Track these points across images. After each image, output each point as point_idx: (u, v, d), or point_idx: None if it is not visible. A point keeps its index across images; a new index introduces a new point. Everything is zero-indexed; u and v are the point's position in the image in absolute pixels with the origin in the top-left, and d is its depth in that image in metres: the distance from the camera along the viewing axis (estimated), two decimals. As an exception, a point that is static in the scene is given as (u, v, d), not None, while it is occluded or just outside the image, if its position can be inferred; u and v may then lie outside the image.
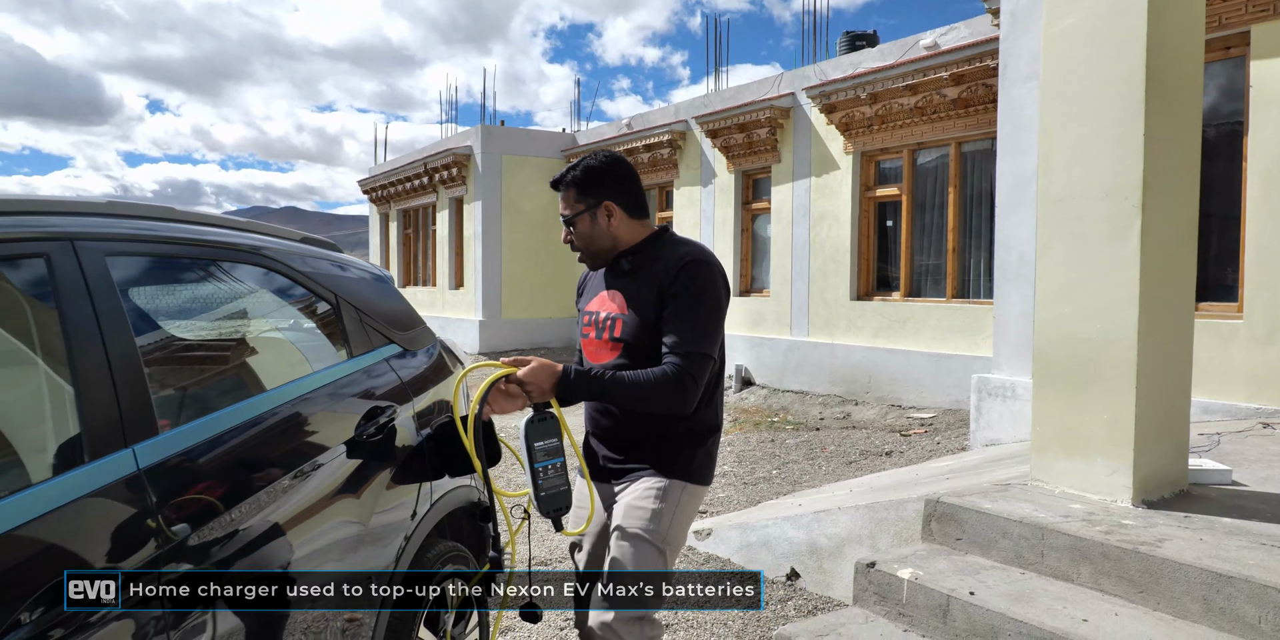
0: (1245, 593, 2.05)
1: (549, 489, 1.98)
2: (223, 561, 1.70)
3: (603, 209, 2.14)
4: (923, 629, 2.41)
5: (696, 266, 2.04)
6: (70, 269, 1.62)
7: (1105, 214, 2.69)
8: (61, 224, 1.67)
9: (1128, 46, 2.63)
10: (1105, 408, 2.73)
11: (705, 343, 2.00)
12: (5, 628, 1.27)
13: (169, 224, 1.97)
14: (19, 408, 1.54)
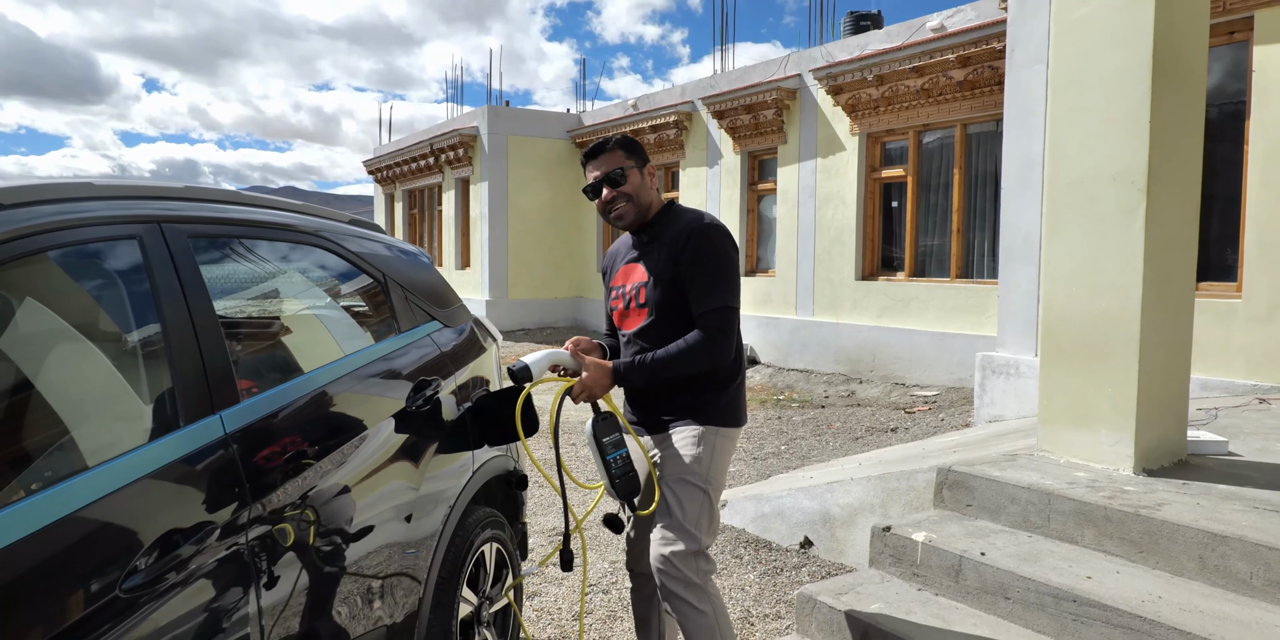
0: (1238, 551, 2.21)
1: (621, 476, 2.23)
2: (296, 519, 1.86)
3: (647, 168, 2.41)
4: (936, 587, 2.58)
5: (701, 232, 2.27)
6: (159, 249, 1.76)
7: (1113, 198, 2.82)
8: (149, 208, 1.81)
9: (1137, 37, 2.75)
10: (1110, 382, 2.88)
11: (724, 296, 2.24)
12: (124, 573, 1.42)
13: (236, 207, 2.11)
14: (122, 377, 1.68)
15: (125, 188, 1.81)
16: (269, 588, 1.73)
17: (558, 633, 3.42)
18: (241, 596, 1.66)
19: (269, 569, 1.74)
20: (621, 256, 2.50)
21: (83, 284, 1.66)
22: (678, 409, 2.34)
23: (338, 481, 2.01)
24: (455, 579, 2.54)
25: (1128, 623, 2.12)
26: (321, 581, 1.92)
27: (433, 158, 15.62)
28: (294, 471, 1.87)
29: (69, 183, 1.67)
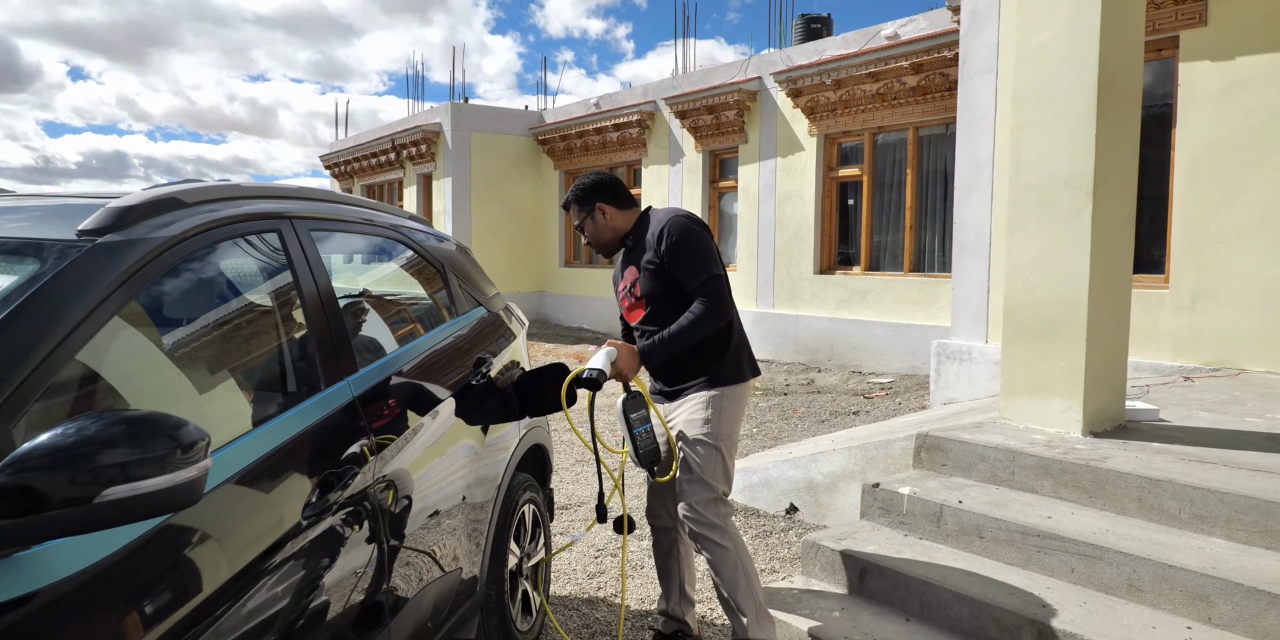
0: (1169, 492, 2.68)
1: (646, 447, 2.61)
2: (401, 471, 2.20)
3: (598, 210, 2.87)
4: (920, 533, 3.01)
5: (669, 226, 2.71)
6: (294, 240, 2.09)
7: (1065, 200, 3.29)
8: (281, 206, 2.13)
9: (1084, 62, 3.22)
10: (1061, 358, 3.35)
11: (705, 269, 2.67)
12: (303, 504, 1.76)
13: (335, 205, 2.44)
14: (282, 343, 2.00)
15: (261, 189, 2.13)
16: (388, 524, 2.07)
17: (576, 589, 3.79)
18: (372, 528, 2.00)
19: (388, 509, 2.09)
20: (620, 265, 2.98)
21: (246, 267, 1.98)
22: (689, 375, 2.76)
23: (428, 442, 2.36)
24: (505, 533, 2.90)
25: (1082, 550, 2.58)
26: (421, 524, 2.27)
27: (394, 153, 15.75)
28: (399, 430, 2.22)
29: (225, 186, 1.98)
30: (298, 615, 1.69)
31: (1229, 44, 5.20)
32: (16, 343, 1.31)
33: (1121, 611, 2.40)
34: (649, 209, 2.87)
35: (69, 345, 1.38)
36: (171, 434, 1.22)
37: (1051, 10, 3.29)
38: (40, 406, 1.32)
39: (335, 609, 1.83)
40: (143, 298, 1.59)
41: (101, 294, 1.46)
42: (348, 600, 1.87)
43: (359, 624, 1.93)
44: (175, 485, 1.22)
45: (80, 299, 1.43)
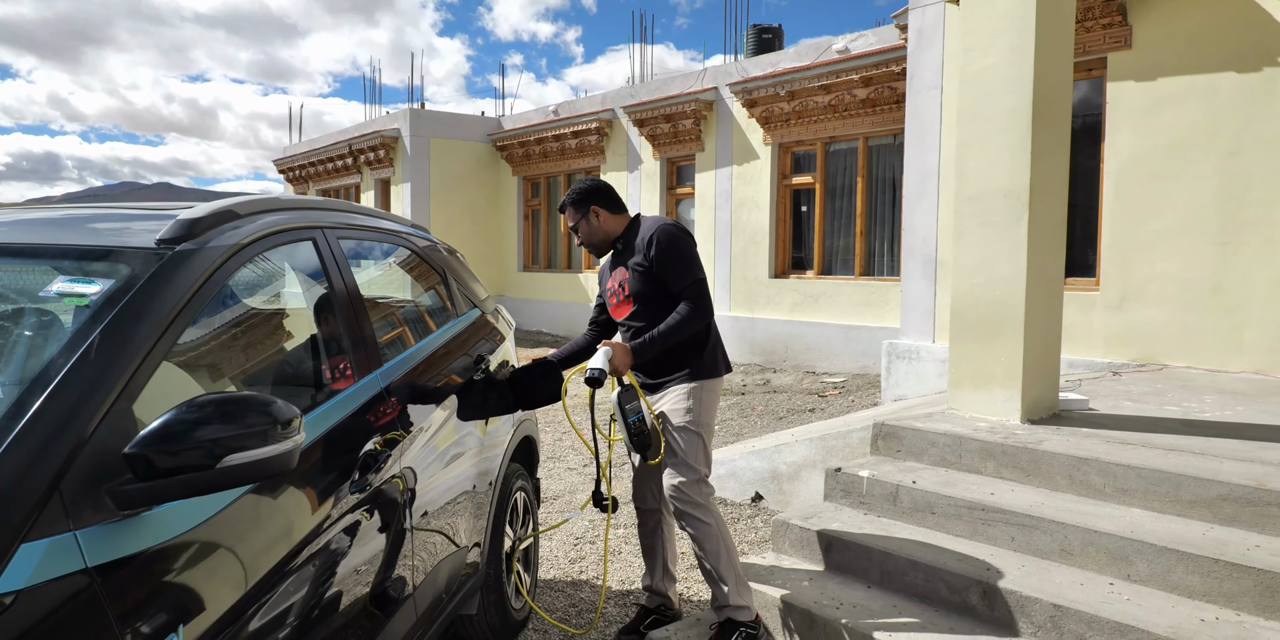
0: (1095, 469, 3.04)
1: (638, 434, 2.86)
2: (423, 456, 2.45)
3: (592, 213, 3.14)
4: (879, 511, 3.33)
5: (658, 233, 2.99)
6: (326, 248, 2.33)
7: (1004, 210, 3.65)
8: (313, 217, 2.36)
9: (1021, 85, 3.58)
10: (1002, 353, 3.71)
11: (690, 273, 2.96)
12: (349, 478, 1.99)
13: (352, 215, 2.67)
14: (322, 337, 2.23)
15: (296, 201, 2.35)
16: (413, 503, 2.32)
17: (559, 573, 4.04)
18: (400, 506, 2.24)
19: (414, 488, 2.33)
20: (608, 266, 3.25)
21: (290, 271, 2.21)
22: (671, 369, 3.02)
23: (443, 431, 2.61)
24: (503, 518, 3.15)
25: (1020, 521, 2.91)
26: (438, 505, 2.51)
27: (351, 158, 15.79)
28: (421, 419, 2.46)
29: (267, 198, 2.21)
30: (346, 576, 1.93)
31: (1151, 66, 5.66)
32: (130, 335, 1.54)
33: (1054, 572, 2.74)
34: (638, 215, 3.14)
35: (169, 336, 1.60)
36: (269, 412, 1.46)
37: (993, 39, 3.65)
38: (151, 390, 1.55)
39: (376, 573, 2.07)
40: (216, 296, 1.81)
41: (189, 293, 1.69)
42: (383, 567, 2.11)
43: (391, 591, 2.17)
44: (278, 455, 1.46)
45: (173, 297, 1.66)
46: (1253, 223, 5.27)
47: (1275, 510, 2.65)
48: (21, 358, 1.54)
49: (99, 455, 1.37)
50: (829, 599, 2.89)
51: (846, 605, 2.84)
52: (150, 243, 1.78)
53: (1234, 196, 5.34)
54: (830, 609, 2.82)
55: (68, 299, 1.61)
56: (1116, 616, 2.41)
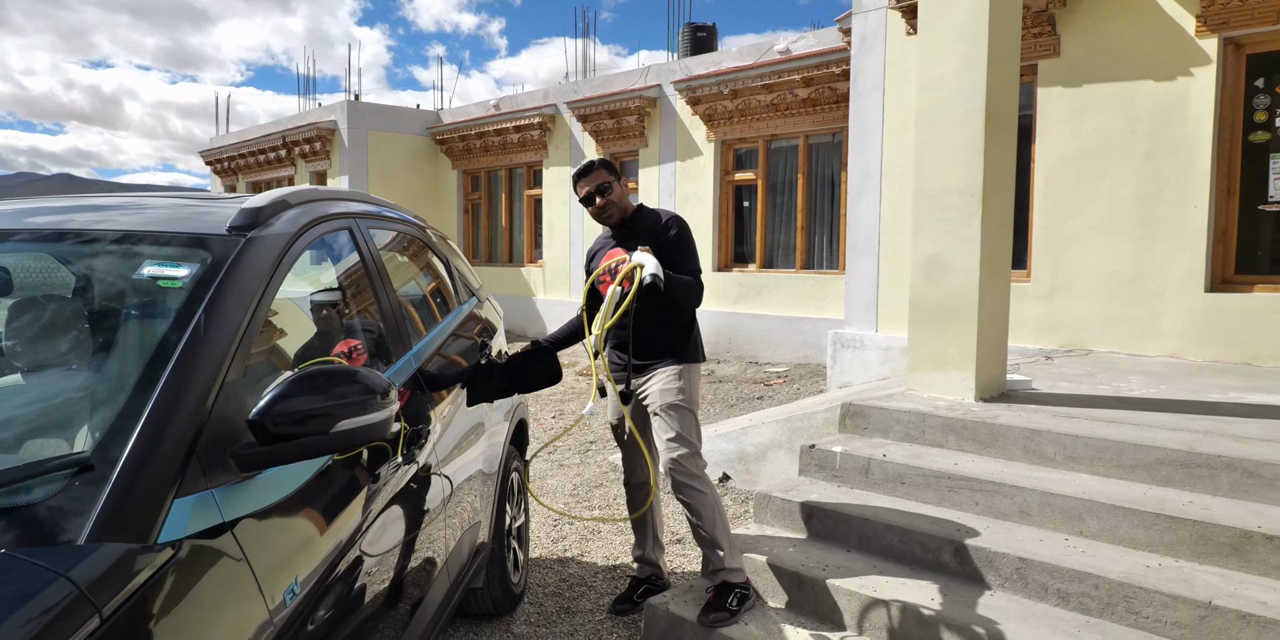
0: (1047, 440, 3.37)
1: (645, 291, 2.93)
2: (450, 433, 2.61)
3: (623, 181, 3.31)
4: (852, 483, 3.61)
5: (673, 221, 3.24)
6: (360, 235, 2.47)
7: (959, 206, 3.96)
8: (346, 207, 2.49)
9: (974, 92, 3.90)
10: (957, 337, 4.03)
11: (695, 260, 3.24)
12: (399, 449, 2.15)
13: (373, 206, 2.80)
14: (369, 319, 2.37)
15: (331, 192, 2.48)
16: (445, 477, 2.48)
17: (544, 552, 4.22)
18: (437, 480, 2.40)
19: (445, 461, 2.49)
20: (603, 246, 3.39)
21: (335, 255, 2.34)
22: (658, 352, 3.23)
23: (459, 410, 2.77)
24: (504, 496, 3.32)
25: (984, 487, 3.22)
26: (461, 481, 2.67)
27: (285, 150, 15.51)
28: (445, 398, 2.62)
29: (310, 190, 2.33)
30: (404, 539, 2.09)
31: (1077, 73, 6.10)
32: (229, 313, 1.67)
33: (1015, 531, 3.05)
34: (642, 205, 3.34)
35: (258, 314, 1.74)
36: (370, 383, 1.62)
37: (948, 48, 3.95)
38: (253, 362, 1.68)
39: (423, 540, 2.23)
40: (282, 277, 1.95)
41: (268, 273, 1.82)
42: (426, 534, 2.28)
43: (433, 557, 2.33)
44: (379, 421, 1.62)
45: (257, 278, 1.79)
46: (1166, 220, 5.74)
47: (1205, 471, 3.01)
48: (135, 335, 1.66)
49: (220, 422, 1.51)
50: (814, 562, 3.15)
51: (831, 567, 3.09)
52: (222, 229, 1.90)
53: (1150, 195, 5.81)
54: (816, 570, 3.07)
55: (162, 281, 1.73)
56: (1074, 565, 2.72)
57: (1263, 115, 5.55)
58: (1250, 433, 3.32)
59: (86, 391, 1.54)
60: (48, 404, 1.54)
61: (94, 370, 1.59)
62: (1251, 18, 5.40)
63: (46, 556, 1.16)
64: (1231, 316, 5.47)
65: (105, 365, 1.59)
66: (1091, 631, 2.57)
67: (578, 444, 6.58)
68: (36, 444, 1.45)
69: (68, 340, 1.65)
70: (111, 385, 1.52)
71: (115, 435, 1.38)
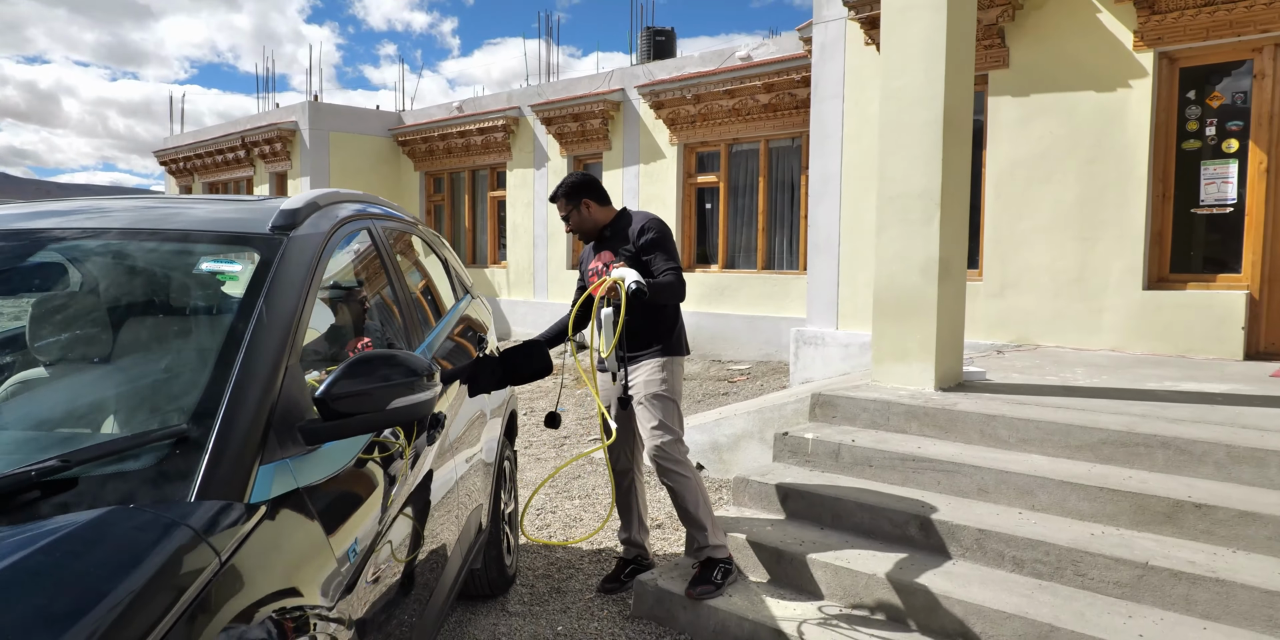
0: (1001, 424, 3.66)
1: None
2: (459, 421, 2.80)
3: (583, 204, 3.55)
4: (823, 467, 3.87)
5: (649, 223, 3.46)
6: (378, 235, 2.65)
7: (919, 208, 4.25)
8: (363, 208, 2.67)
9: (933, 102, 4.19)
10: (918, 331, 4.31)
11: (673, 259, 3.44)
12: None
13: (384, 208, 2.97)
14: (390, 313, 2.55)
15: (349, 195, 2.65)
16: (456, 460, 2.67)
17: (523, 541, 4.41)
18: (450, 462, 2.59)
19: (456, 446, 2.68)
20: (590, 251, 3.63)
21: (359, 254, 2.52)
22: (644, 345, 3.45)
23: (463, 399, 2.96)
24: (500, 483, 3.51)
25: (944, 468, 3.50)
26: (468, 466, 2.87)
27: (244, 151, 15.41)
28: (453, 389, 2.81)
29: (333, 192, 2.51)
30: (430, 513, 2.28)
31: (1025, 83, 6.47)
32: (285, 303, 1.85)
33: (975, 506, 3.33)
34: (624, 209, 3.56)
35: (306, 305, 1.92)
36: (417, 366, 1.81)
37: (909, 62, 4.24)
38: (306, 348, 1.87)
39: (444, 517, 2.42)
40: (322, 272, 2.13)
41: (312, 268, 2.01)
42: (445, 511, 2.47)
43: (450, 531, 2.52)
44: (426, 399, 1.82)
45: (302, 273, 1.97)
46: (1107, 221, 6.13)
47: (1142, 449, 3.32)
48: (205, 323, 1.83)
49: (288, 401, 1.70)
50: (791, 538, 3.39)
51: (807, 542, 3.34)
52: (265, 229, 2.07)
53: (1092, 199, 6.19)
54: (794, 546, 3.32)
55: (221, 276, 1.90)
56: (1027, 535, 3.01)
57: (1194, 124, 5.95)
58: (1182, 416, 3.65)
59: (170, 373, 1.71)
60: (138, 384, 1.70)
61: (175, 354, 1.76)
62: (1184, 34, 5.80)
63: (171, 510, 1.34)
64: (1167, 312, 5.87)
65: (184, 350, 1.77)
66: (1044, 593, 2.85)
67: (553, 439, 6.77)
68: (135, 419, 1.62)
69: (145, 328, 1.82)
70: (193, 367, 1.70)
71: (204, 411, 1.55)
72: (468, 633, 3.33)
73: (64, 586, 1.11)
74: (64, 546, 1.18)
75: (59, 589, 1.10)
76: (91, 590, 1.11)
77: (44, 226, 1.97)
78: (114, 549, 1.21)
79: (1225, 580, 2.63)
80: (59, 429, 1.60)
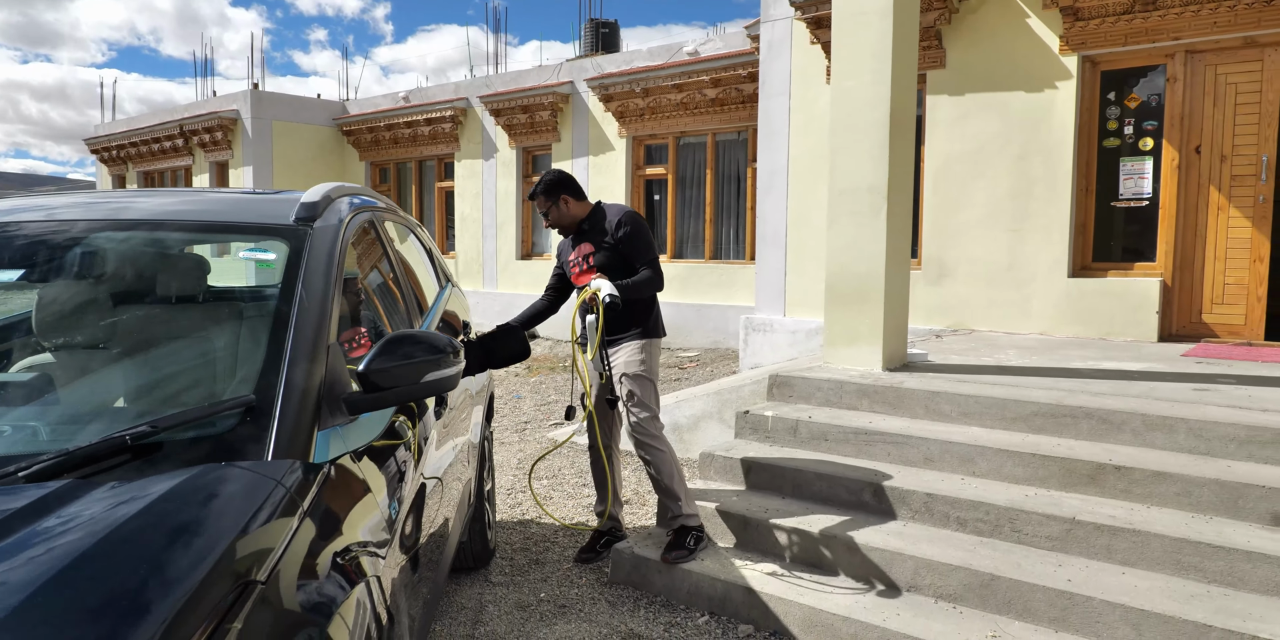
0: (945, 399, 4.00)
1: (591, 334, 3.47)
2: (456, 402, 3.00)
3: (561, 200, 3.77)
4: (782, 442, 4.16)
5: (624, 218, 3.71)
6: (381, 226, 2.83)
7: (868, 202, 4.57)
8: (363, 201, 2.85)
9: (880, 103, 4.50)
10: (867, 316, 4.64)
11: (653, 252, 3.71)
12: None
13: (379, 201, 3.15)
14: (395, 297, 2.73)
15: (351, 188, 2.82)
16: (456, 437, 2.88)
17: (504, 516, 4.63)
18: (454, 440, 2.80)
19: (456, 424, 2.89)
20: (569, 242, 3.86)
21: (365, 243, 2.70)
22: (624, 328, 3.70)
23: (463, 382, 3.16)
24: (484, 462, 3.72)
25: (894, 440, 3.82)
26: (464, 443, 3.07)
27: (182, 139, 15.13)
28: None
29: (339, 186, 2.67)
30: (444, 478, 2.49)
31: (960, 83, 6.86)
32: (321, 287, 2.04)
33: (922, 474, 3.66)
34: (599, 203, 3.78)
35: (337, 287, 2.11)
36: (444, 344, 2.02)
37: (859, 65, 4.54)
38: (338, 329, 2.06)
39: (449, 482, 2.63)
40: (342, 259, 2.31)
41: (335, 256, 2.19)
42: (450, 477, 2.68)
43: (455, 497, 2.73)
44: (453, 374, 2.03)
45: (330, 260, 2.16)
46: (1036, 214, 6.56)
47: (1069, 420, 3.69)
48: (253, 306, 2.00)
49: (331, 375, 1.89)
50: (756, 506, 3.68)
51: (771, 510, 3.63)
52: (289, 220, 2.25)
53: (1022, 193, 6.62)
54: (759, 513, 3.60)
55: (259, 263, 2.08)
56: (970, 497, 3.34)
57: (1114, 124, 6.41)
58: (1104, 390, 4.04)
59: (229, 350, 1.89)
60: (202, 360, 1.88)
61: (229, 334, 1.93)
62: (1105, 39, 6.24)
63: (258, 468, 1.54)
64: (1090, 299, 6.33)
65: (237, 330, 1.94)
66: (985, 547, 3.19)
67: (513, 423, 6.97)
68: (204, 391, 1.79)
69: (199, 311, 1.99)
70: (248, 345, 1.88)
71: (266, 383, 1.74)
72: (455, 602, 3.53)
73: (193, 525, 1.30)
74: (183, 495, 1.37)
75: (188, 527, 1.30)
76: (217, 529, 1.31)
77: (87, 218, 2.12)
78: (224, 498, 1.40)
79: (1141, 531, 2.99)
80: (137, 401, 1.77)
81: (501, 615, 3.40)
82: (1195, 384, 4.23)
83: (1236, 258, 6.01)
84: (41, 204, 2.23)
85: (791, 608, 3.13)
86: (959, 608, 3.02)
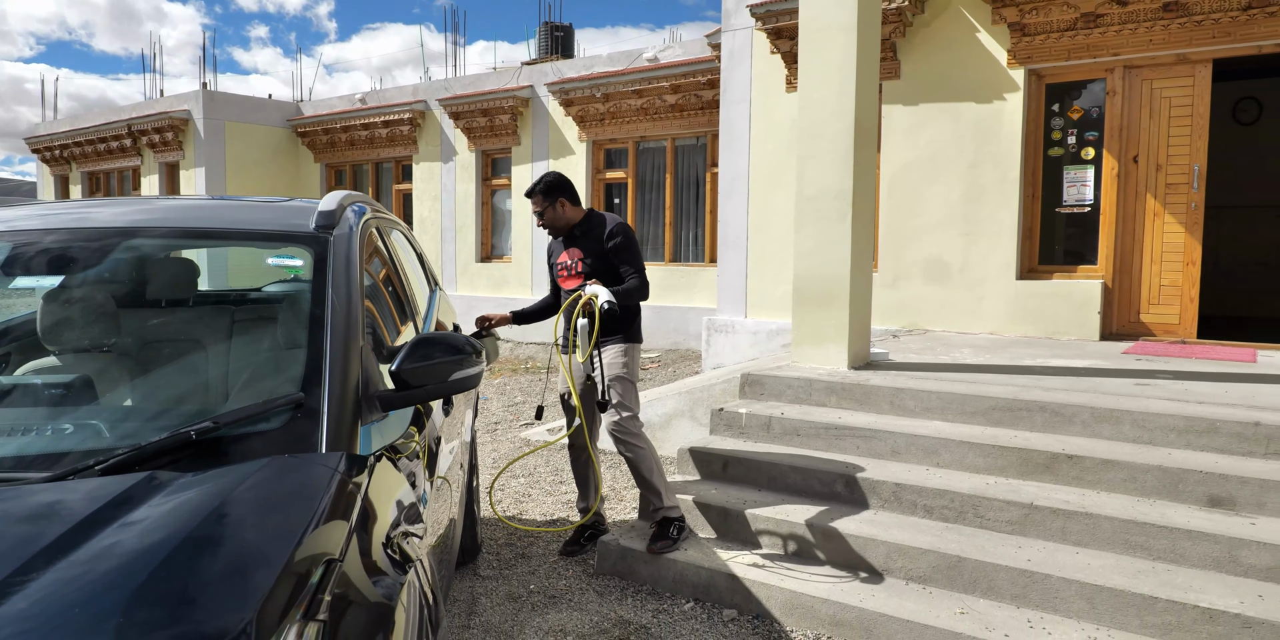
0: (909, 395, 4.24)
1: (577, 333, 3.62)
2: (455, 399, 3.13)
3: (558, 203, 3.89)
4: (756, 438, 4.36)
5: (616, 228, 3.85)
6: (383, 233, 2.95)
7: (833, 208, 4.80)
8: (369, 209, 2.96)
9: (845, 113, 4.73)
10: (832, 318, 4.86)
11: (639, 261, 3.87)
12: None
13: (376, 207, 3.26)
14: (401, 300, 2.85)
15: (356, 196, 2.94)
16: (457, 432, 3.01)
17: (486, 513, 4.75)
18: (458, 431, 2.93)
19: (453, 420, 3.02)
20: (559, 245, 4.00)
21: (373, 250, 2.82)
22: (608, 332, 3.86)
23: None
24: (474, 456, 3.85)
25: (862, 434, 4.04)
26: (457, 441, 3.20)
27: (130, 140, 14.84)
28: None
29: (347, 194, 2.79)
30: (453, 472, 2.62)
31: (914, 93, 7.16)
32: (346, 292, 2.17)
33: (889, 466, 3.88)
34: (593, 210, 3.93)
35: (360, 291, 2.24)
36: (466, 345, 2.17)
37: (826, 77, 4.77)
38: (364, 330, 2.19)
39: (455, 475, 2.77)
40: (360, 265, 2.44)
41: (355, 262, 2.32)
42: (452, 477, 2.81)
43: (460, 488, 2.87)
44: (477, 373, 2.17)
45: (350, 266, 2.28)
46: (986, 219, 6.89)
47: (1024, 413, 3.95)
48: (288, 310, 2.12)
49: (367, 374, 2.02)
50: (734, 498, 3.87)
51: (748, 502, 3.82)
52: (309, 228, 2.37)
53: (973, 199, 6.94)
54: (737, 504, 3.79)
55: (288, 270, 2.20)
56: (935, 486, 3.57)
57: (1058, 134, 6.77)
58: (1055, 386, 4.32)
59: (272, 352, 2.01)
60: (250, 361, 1.99)
61: (270, 336, 2.05)
62: (1049, 54, 6.59)
63: (316, 458, 1.67)
64: (1036, 300, 6.67)
65: (276, 333, 2.06)
66: (951, 532, 3.42)
67: (484, 424, 7.07)
68: (254, 390, 1.91)
69: (240, 314, 2.10)
70: (290, 347, 2.00)
71: (311, 381, 1.87)
72: (448, 595, 3.65)
73: (279, 507, 1.43)
74: (265, 481, 1.50)
75: (275, 509, 1.43)
76: (300, 510, 1.44)
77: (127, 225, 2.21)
78: (298, 484, 1.54)
79: (1092, 514, 3.25)
80: (193, 400, 1.88)
81: (494, 606, 3.53)
82: (1137, 379, 4.54)
83: (1171, 261, 6.40)
84: (71, 209, 2.32)
85: (773, 592, 3.33)
86: (929, 588, 3.25)
